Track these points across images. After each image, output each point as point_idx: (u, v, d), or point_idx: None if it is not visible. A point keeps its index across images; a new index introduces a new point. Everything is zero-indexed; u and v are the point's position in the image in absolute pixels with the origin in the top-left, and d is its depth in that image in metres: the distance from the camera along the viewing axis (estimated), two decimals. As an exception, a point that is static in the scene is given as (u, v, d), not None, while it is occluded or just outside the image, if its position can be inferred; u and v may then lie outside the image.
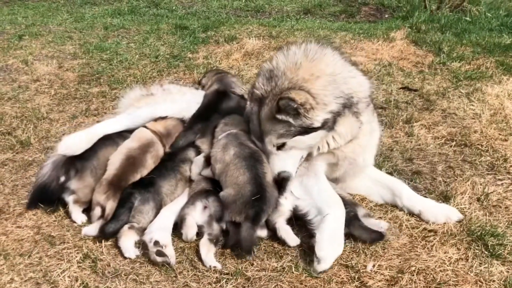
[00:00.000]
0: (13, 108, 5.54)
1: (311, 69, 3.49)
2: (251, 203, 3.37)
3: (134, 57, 7.06)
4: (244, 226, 3.33)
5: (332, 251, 3.25)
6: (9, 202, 3.95)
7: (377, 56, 6.97)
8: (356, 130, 3.64)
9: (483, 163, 4.42)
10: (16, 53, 7.28)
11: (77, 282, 3.14)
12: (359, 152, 3.79)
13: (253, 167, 3.54)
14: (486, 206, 3.84)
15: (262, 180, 3.48)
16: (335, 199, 3.52)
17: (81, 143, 3.81)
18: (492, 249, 3.36)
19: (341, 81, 3.52)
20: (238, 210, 3.38)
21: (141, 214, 3.50)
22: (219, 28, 8.30)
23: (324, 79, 3.47)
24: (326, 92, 3.43)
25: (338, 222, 3.37)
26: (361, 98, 3.62)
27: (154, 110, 4.20)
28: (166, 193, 3.69)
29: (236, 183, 3.50)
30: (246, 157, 3.61)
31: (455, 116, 5.27)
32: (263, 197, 3.41)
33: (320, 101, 3.40)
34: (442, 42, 7.37)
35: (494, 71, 6.36)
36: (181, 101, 4.28)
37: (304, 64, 3.51)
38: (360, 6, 10.44)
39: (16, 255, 3.39)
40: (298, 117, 3.38)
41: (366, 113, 3.71)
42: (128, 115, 4.21)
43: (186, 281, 3.15)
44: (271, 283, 3.14)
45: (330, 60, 3.60)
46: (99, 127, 4.04)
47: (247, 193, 3.41)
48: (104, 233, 3.44)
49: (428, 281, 3.13)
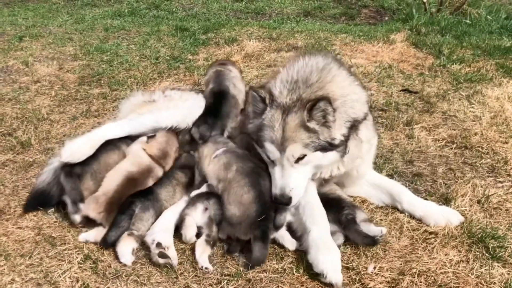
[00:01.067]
0: (14, 109, 5.54)
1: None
2: (257, 224, 3.35)
3: (134, 58, 7.07)
4: (256, 246, 3.30)
5: (329, 259, 3.19)
6: (9, 203, 3.95)
7: (377, 58, 6.97)
8: (360, 150, 3.65)
9: (484, 166, 4.43)
10: (16, 54, 7.29)
11: (78, 283, 3.14)
12: (356, 166, 3.79)
13: (257, 184, 3.51)
14: (487, 209, 3.85)
15: (266, 197, 3.46)
16: (318, 213, 3.49)
17: (84, 150, 3.81)
18: (493, 251, 3.36)
19: (349, 105, 3.54)
20: (244, 231, 3.37)
21: (141, 221, 3.50)
22: (219, 30, 8.31)
23: (338, 102, 3.49)
24: (339, 115, 3.45)
25: (322, 232, 3.36)
26: (361, 116, 3.65)
27: (156, 117, 4.17)
28: (165, 199, 3.71)
29: (241, 202, 3.45)
30: (248, 173, 3.57)
31: (455, 118, 5.28)
32: (269, 215, 3.41)
33: (337, 118, 3.43)
34: (442, 45, 7.38)
35: (494, 73, 6.37)
36: (183, 108, 4.26)
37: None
38: (360, 8, 10.45)
39: (17, 256, 3.39)
40: (325, 127, 3.37)
41: (365, 127, 3.71)
42: (130, 121, 4.17)
43: (187, 282, 3.15)
44: (272, 285, 3.14)
45: (341, 81, 3.64)
46: (101, 133, 4.01)
47: (252, 214, 3.38)
48: (106, 243, 3.44)
49: (429, 283, 3.13)
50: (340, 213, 3.51)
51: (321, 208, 3.54)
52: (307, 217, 3.47)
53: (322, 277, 3.14)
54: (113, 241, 3.44)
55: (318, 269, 3.18)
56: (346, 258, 3.35)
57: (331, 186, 3.85)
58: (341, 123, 3.44)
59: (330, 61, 3.72)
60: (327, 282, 3.12)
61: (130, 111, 4.37)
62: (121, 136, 4.07)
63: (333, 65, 3.68)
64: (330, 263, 3.17)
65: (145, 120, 4.15)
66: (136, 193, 3.66)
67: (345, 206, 3.56)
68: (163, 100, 4.36)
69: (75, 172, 3.75)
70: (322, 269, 3.15)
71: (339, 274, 3.15)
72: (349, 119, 3.51)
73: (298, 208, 3.54)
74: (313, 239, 3.33)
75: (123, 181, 3.71)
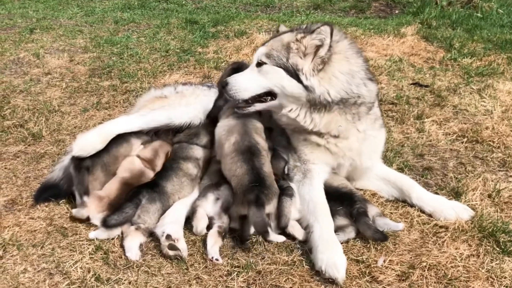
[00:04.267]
0: (25, 101, 5.58)
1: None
2: (250, 189, 3.40)
3: (144, 51, 7.08)
4: (251, 211, 3.33)
5: (327, 256, 3.16)
6: (21, 193, 3.99)
7: (388, 51, 6.95)
8: (339, 128, 3.65)
9: (495, 160, 4.41)
10: (27, 46, 7.33)
11: (89, 273, 3.16)
12: (355, 154, 3.78)
13: (250, 160, 3.58)
14: (498, 203, 3.83)
15: (259, 170, 3.52)
16: (321, 211, 3.48)
17: (95, 144, 3.81)
18: (504, 246, 3.34)
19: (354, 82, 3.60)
20: (240, 200, 3.42)
21: (147, 213, 3.49)
22: (228, 22, 8.30)
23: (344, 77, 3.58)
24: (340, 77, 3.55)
25: (323, 231, 3.35)
26: (366, 103, 3.68)
27: (169, 114, 4.12)
28: (172, 192, 3.68)
29: (235, 175, 3.54)
30: (243, 151, 3.63)
31: (466, 112, 5.25)
32: (263, 183, 3.45)
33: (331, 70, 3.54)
34: (453, 38, 7.34)
35: (506, 67, 6.32)
36: (195, 104, 4.24)
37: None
38: (370, 1, 10.39)
39: (29, 246, 3.42)
40: (305, 56, 3.54)
41: (364, 121, 3.72)
42: (141, 116, 4.14)
43: (197, 273, 3.17)
44: (282, 277, 3.14)
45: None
46: (112, 126, 4.00)
47: (245, 182, 3.46)
48: (106, 225, 3.43)
49: (439, 276, 3.13)
50: (352, 207, 3.50)
51: (325, 205, 3.53)
52: (311, 214, 3.48)
53: (321, 273, 3.13)
54: (113, 224, 3.42)
55: (317, 266, 3.18)
56: (356, 251, 3.35)
57: (342, 180, 3.84)
58: (330, 74, 3.53)
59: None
60: (327, 278, 3.11)
61: (142, 106, 4.36)
62: (132, 131, 4.07)
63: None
64: (328, 259, 3.14)
65: (158, 116, 4.12)
66: (143, 185, 3.67)
67: (357, 200, 3.55)
68: (175, 96, 4.33)
69: (84, 165, 3.77)
70: (320, 265, 3.15)
71: (337, 269, 3.10)
72: (343, 88, 3.55)
73: (303, 204, 3.56)
74: (313, 237, 3.34)
75: (121, 186, 3.73)
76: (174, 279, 3.15)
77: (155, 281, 3.12)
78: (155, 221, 3.53)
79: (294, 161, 3.82)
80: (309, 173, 3.72)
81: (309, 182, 3.68)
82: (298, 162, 3.79)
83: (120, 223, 3.45)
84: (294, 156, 3.84)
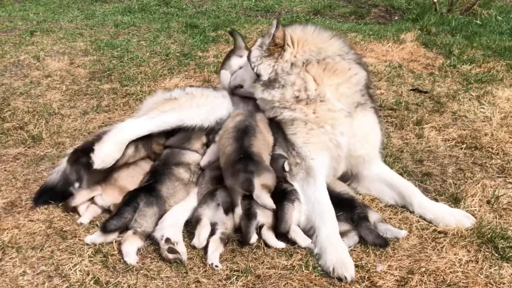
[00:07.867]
0: (25, 103, 5.58)
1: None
2: (238, 160, 3.55)
3: (144, 54, 7.11)
4: (240, 174, 3.48)
5: (336, 256, 3.21)
6: (21, 195, 3.99)
7: (387, 57, 6.97)
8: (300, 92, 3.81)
9: (494, 166, 4.42)
10: (27, 48, 7.34)
11: (88, 276, 3.15)
12: (338, 124, 3.80)
13: (240, 138, 3.75)
14: (496, 209, 3.83)
15: (247, 149, 3.67)
16: (327, 213, 3.51)
17: (114, 154, 3.84)
18: (503, 252, 3.35)
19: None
20: (230, 173, 3.55)
21: (144, 217, 3.48)
22: (229, 27, 8.31)
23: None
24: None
25: (330, 233, 3.39)
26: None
27: (181, 116, 4.12)
28: (167, 196, 3.69)
29: (225, 152, 3.72)
30: (239, 129, 3.81)
31: (465, 118, 5.27)
32: (250, 158, 3.57)
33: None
34: (453, 45, 7.37)
35: (505, 74, 6.35)
36: (206, 105, 4.24)
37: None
38: (370, 7, 10.44)
39: (28, 248, 3.41)
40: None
41: (331, 81, 3.84)
42: (151, 119, 4.12)
43: (196, 277, 3.17)
44: (281, 281, 3.14)
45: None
46: (125, 135, 3.98)
47: (233, 158, 3.62)
48: (105, 230, 3.44)
49: (438, 282, 3.13)
50: (352, 212, 3.52)
51: (331, 207, 3.55)
52: (317, 216, 3.50)
53: (331, 273, 3.16)
54: (113, 229, 3.43)
55: (325, 267, 3.21)
56: (355, 256, 3.34)
57: (344, 186, 3.88)
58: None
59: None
60: (336, 277, 3.14)
61: (151, 108, 4.33)
62: (144, 135, 4.06)
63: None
64: (337, 260, 3.18)
65: (169, 118, 4.11)
66: (140, 188, 3.69)
67: (357, 205, 3.58)
68: (185, 98, 4.32)
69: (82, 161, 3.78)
70: (329, 266, 3.18)
71: (347, 269, 3.15)
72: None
73: (309, 205, 3.58)
74: (321, 239, 3.37)
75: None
76: (173, 282, 3.14)
77: (154, 284, 3.11)
78: (152, 225, 3.52)
79: (293, 157, 3.84)
80: (312, 171, 3.73)
81: (313, 181, 3.69)
82: (298, 158, 3.81)
83: (119, 228, 3.46)
84: (293, 153, 3.85)
